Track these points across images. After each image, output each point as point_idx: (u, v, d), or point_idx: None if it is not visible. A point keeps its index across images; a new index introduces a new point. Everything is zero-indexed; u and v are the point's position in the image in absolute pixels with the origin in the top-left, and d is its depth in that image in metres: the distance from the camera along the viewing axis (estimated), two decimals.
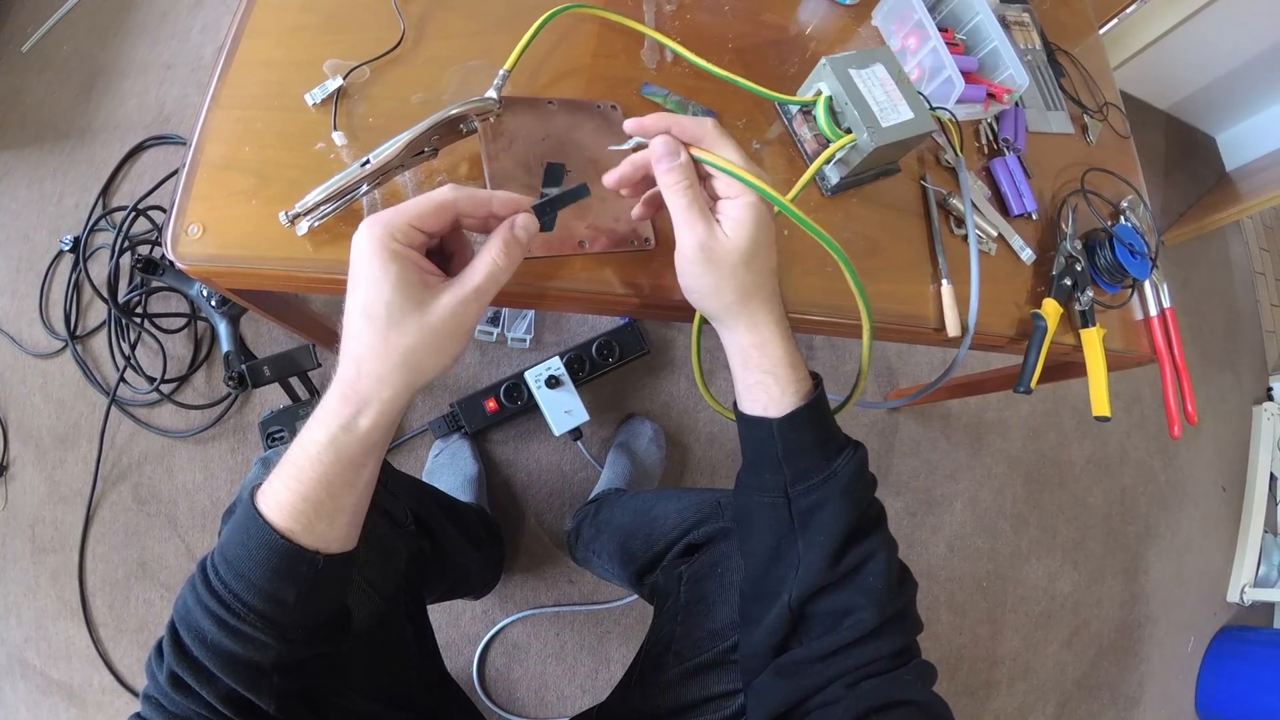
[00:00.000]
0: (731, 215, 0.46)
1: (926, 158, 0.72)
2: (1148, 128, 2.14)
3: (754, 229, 0.46)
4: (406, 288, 0.38)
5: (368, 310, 0.38)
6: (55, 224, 1.18)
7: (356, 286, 0.39)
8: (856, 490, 0.46)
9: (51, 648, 1.02)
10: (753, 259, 0.46)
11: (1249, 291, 2.09)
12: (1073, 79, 0.90)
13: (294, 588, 0.39)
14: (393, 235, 0.38)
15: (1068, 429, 1.63)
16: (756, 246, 0.46)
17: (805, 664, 0.44)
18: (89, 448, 1.09)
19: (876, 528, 0.47)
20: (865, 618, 0.43)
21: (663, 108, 0.63)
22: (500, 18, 0.63)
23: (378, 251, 0.38)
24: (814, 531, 0.45)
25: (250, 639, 0.38)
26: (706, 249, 0.45)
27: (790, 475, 0.46)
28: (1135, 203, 0.82)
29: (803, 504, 0.46)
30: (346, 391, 0.39)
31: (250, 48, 0.57)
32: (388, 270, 0.38)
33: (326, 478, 0.39)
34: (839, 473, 0.45)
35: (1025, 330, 0.70)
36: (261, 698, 0.40)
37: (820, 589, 0.45)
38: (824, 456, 0.46)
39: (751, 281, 0.46)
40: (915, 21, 0.69)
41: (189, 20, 1.34)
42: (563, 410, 1.13)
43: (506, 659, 1.15)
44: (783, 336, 0.47)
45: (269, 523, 0.38)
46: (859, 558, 0.45)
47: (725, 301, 0.47)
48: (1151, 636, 1.61)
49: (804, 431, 0.46)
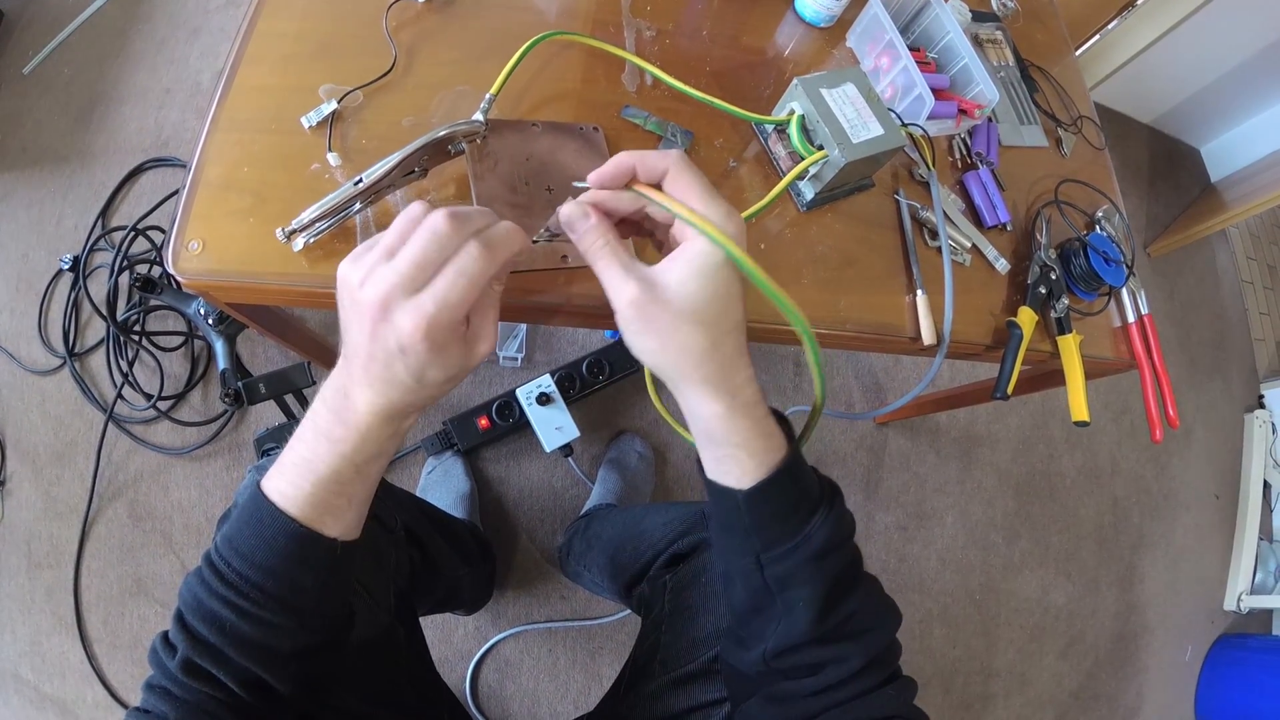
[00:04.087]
0: (681, 263, 0.39)
1: (900, 173, 0.74)
2: (1132, 141, 2.17)
3: (704, 281, 0.38)
4: (457, 360, 0.39)
5: (424, 381, 0.39)
6: (55, 244, 1.21)
7: (407, 370, 0.38)
8: (831, 550, 0.42)
9: (46, 663, 1.02)
10: (701, 316, 0.38)
11: (1237, 300, 2.11)
12: (1046, 94, 0.92)
13: (312, 573, 0.41)
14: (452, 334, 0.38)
15: (1057, 441, 1.64)
16: (706, 301, 0.38)
17: (795, 696, 0.44)
18: (86, 464, 1.10)
19: (856, 579, 0.44)
20: (851, 664, 0.42)
21: (642, 129, 0.65)
22: (486, 45, 0.65)
23: (439, 351, 0.38)
24: (791, 595, 0.43)
25: (271, 625, 0.40)
26: (639, 307, 0.39)
27: (760, 544, 0.43)
28: (1110, 212, 0.84)
29: (775, 571, 0.43)
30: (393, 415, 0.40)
31: (248, 74, 0.59)
32: (446, 360, 0.38)
33: (372, 476, 0.41)
34: (812, 538, 0.42)
35: (1002, 338, 0.72)
36: (280, 681, 0.41)
37: (801, 645, 0.43)
38: (795, 522, 0.42)
39: (701, 343, 0.39)
40: (886, 42, 0.72)
41: (186, 47, 1.37)
42: (554, 427, 1.15)
43: (499, 675, 1.15)
44: (746, 406, 0.41)
45: (285, 512, 0.40)
46: (841, 614, 0.43)
47: (672, 363, 0.40)
48: (1148, 646, 1.61)
49: (773, 502, 0.42)
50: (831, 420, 1.42)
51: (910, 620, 1.39)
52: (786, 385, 1.42)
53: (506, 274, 0.44)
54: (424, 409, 0.42)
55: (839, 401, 1.46)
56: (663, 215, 0.42)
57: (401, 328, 0.36)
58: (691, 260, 0.39)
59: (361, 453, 0.40)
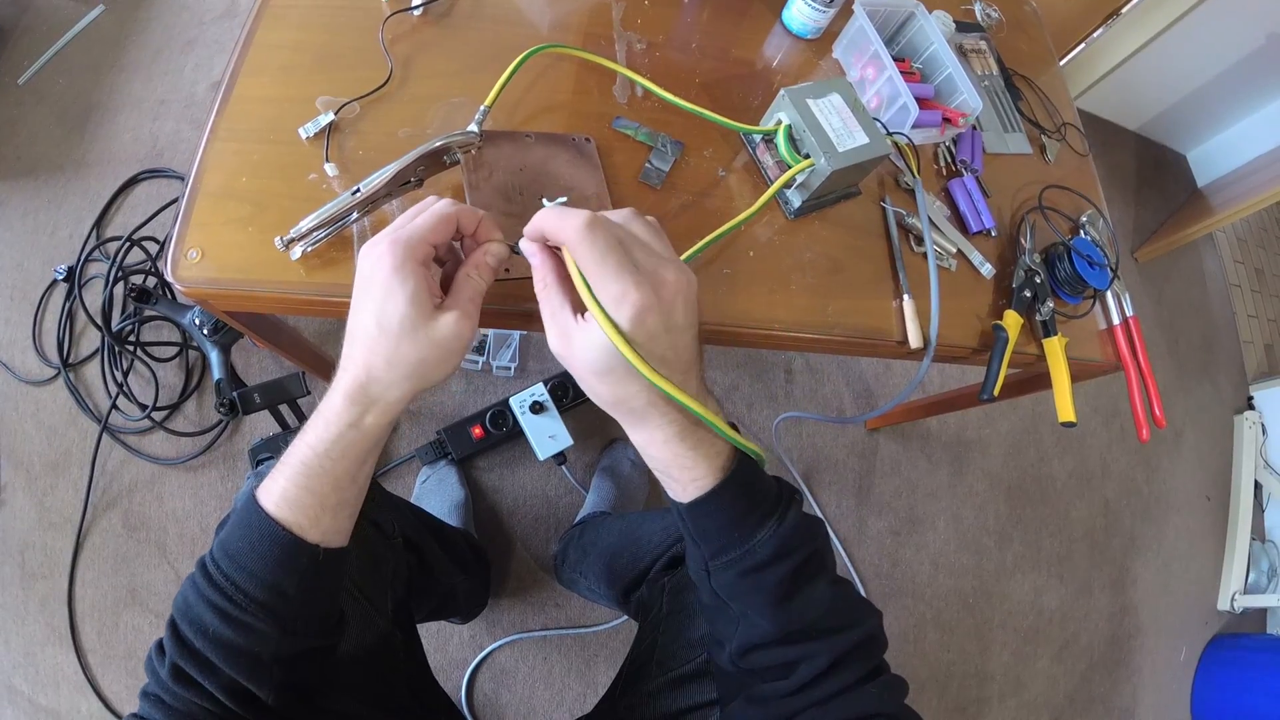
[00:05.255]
0: (591, 329, 0.39)
1: (886, 180, 0.75)
2: (1118, 148, 2.20)
3: (600, 352, 0.39)
4: (419, 303, 0.41)
5: (382, 323, 0.40)
6: (49, 254, 1.21)
7: (370, 300, 0.41)
8: (780, 558, 0.43)
9: (40, 674, 1.02)
10: (602, 378, 0.40)
11: (1224, 304, 2.13)
12: (1030, 102, 0.94)
13: (295, 578, 0.41)
14: (411, 254, 0.41)
15: (1047, 445, 1.66)
16: (606, 368, 0.40)
17: (775, 697, 0.45)
18: (80, 474, 1.10)
19: (813, 580, 0.45)
20: (819, 662, 0.43)
21: (633, 140, 0.67)
22: (481, 58, 0.66)
23: (398, 269, 0.40)
24: (741, 601, 0.45)
25: (252, 630, 0.40)
26: (557, 353, 0.42)
27: (707, 552, 0.45)
28: (1094, 217, 0.85)
29: (720, 579, 0.45)
30: (355, 394, 0.42)
31: (247, 85, 0.60)
32: (405, 286, 0.40)
33: (333, 473, 0.42)
34: (757, 550, 0.43)
35: (988, 342, 0.73)
36: (262, 689, 0.42)
37: (762, 644, 0.44)
38: (741, 532, 0.43)
39: (607, 397, 0.42)
40: (872, 53, 0.73)
41: (182, 58, 1.38)
42: (547, 435, 1.15)
43: (495, 684, 1.15)
44: (666, 441, 0.42)
45: (272, 517, 0.41)
46: (799, 616, 0.44)
47: (601, 403, 0.43)
48: (1142, 648, 1.61)
49: (712, 517, 0.44)
50: (823, 426, 1.43)
51: (904, 625, 1.40)
52: (778, 392, 1.43)
53: (492, 273, 0.46)
54: (392, 408, 0.43)
55: (830, 407, 1.47)
56: None
57: (376, 247, 0.41)
58: (592, 330, 0.39)
59: (322, 439, 0.42)
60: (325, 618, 0.46)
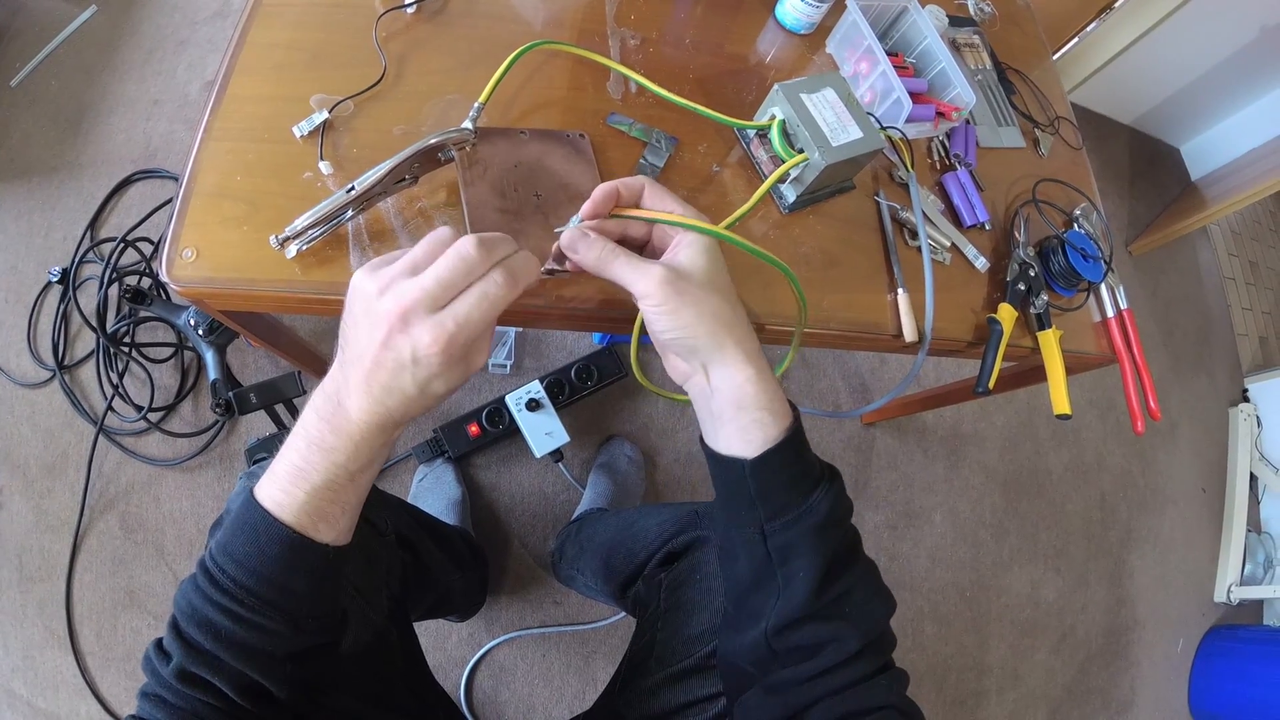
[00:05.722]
0: (684, 250, 0.46)
1: (880, 175, 0.76)
2: (1112, 142, 2.21)
3: (710, 258, 0.46)
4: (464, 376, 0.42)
5: (426, 392, 0.40)
6: (43, 256, 1.20)
7: (414, 377, 0.40)
8: (832, 524, 0.45)
9: (39, 677, 1.02)
10: (716, 281, 0.46)
11: (1219, 297, 2.14)
12: (1024, 96, 0.94)
13: (305, 578, 0.41)
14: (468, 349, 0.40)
15: (1043, 438, 1.66)
16: (717, 272, 0.46)
17: (793, 684, 0.45)
18: (76, 477, 1.09)
19: (854, 557, 0.47)
20: (848, 645, 0.44)
21: (628, 136, 0.67)
22: (475, 54, 0.66)
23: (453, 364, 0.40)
24: (792, 566, 0.45)
25: (265, 630, 0.40)
26: (670, 282, 0.44)
27: (765, 513, 0.45)
28: (1088, 210, 0.86)
29: (778, 540, 0.45)
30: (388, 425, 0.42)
31: (240, 84, 0.60)
32: (454, 374, 0.41)
33: (363, 485, 0.42)
34: (815, 509, 0.45)
35: (982, 335, 0.73)
36: (275, 684, 0.42)
37: (800, 620, 0.45)
38: (799, 493, 0.45)
39: (727, 309, 0.46)
40: (865, 48, 0.74)
41: (174, 58, 1.38)
42: (543, 433, 1.16)
43: (494, 682, 1.15)
44: (767, 370, 0.46)
45: (278, 519, 0.40)
46: (839, 590, 0.45)
47: (709, 331, 0.45)
48: (1140, 639, 1.62)
49: (778, 471, 0.45)
50: (819, 421, 1.44)
51: (902, 618, 1.40)
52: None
53: None
54: (416, 419, 0.43)
55: (826, 402, 1.47)
56: (640, 231, 0.50)
57: (419, 340, 0.38)
58: (692, 245, 0.46)
59: (355, 460, 0.41)
60: (332, 614, 0.46)
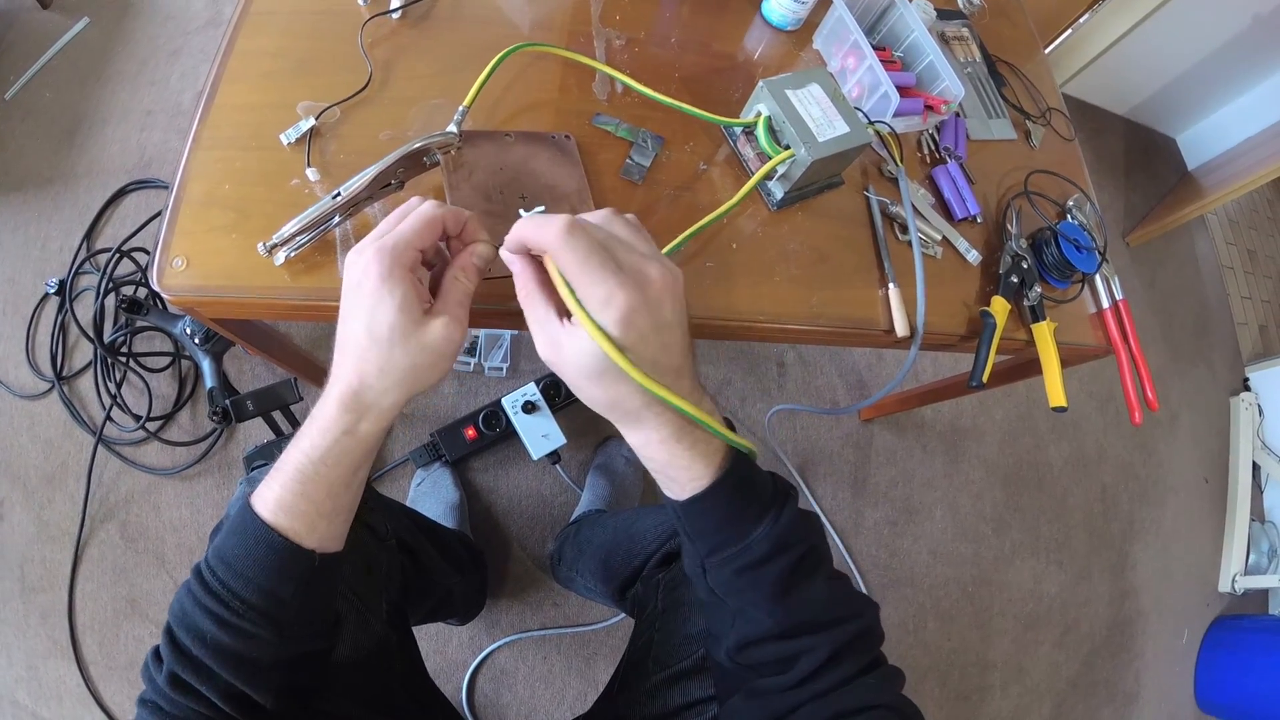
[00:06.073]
0: (579, 334, 0.39)
1: (870, 170, 0.76)
2: (1108, 133, 2.20)
3: (591, 358, 0.38)
4: (409, 310, 0.41)
5: (373, 331, 0.41)
6: (40, 267, 1.21)
7: (358, 309, 0.41)
8: (776, 554, 0.43)
9: (42, 687, 1.02)
10: (594, 381, 0.40)
11: (1218, 286, 2.13)
12: (1015, 88, 0.94)
13: (291, 584, 0.41)
14: (397, 261, 0.40)
15: (1043, 431, 1.66)
16: (597, 373, 0.39)
17: (775, 691, 0.45)
18: (76, 487, 1.10)
19: (811, 576, 0.45)
20: (819, 654, 0.43)
21: (614, 136, 0.67)
22: (460, 59, 0.66)
23: (385, 277, 0.40)
24: (743, 597, 0.45)
25: (250, 636, 0.40)
26: (547, 360, 0.41)
27: (703, 549, 0.45)
28: (1081, 201, 0.85)
29: (717, 577, 0.45)
30: (349, 401, 0.42)
31: (228, 92, 0.60)
32: (394, 294, 0.40)
33: (328, 479, 0.42)
34: (753, 546, 0.43)
35: (976, 328, 0.73)
36: (261, 694, 0.42)
37: (760, 639, 0.45)
38: (737, 529, 0.43)
39: (600, 399, 0.41)
40: (852, 42, 0.73)
41: (167, 68, 1.38)
42: (540, 435, 1.15)
43: (495, 685, 1.15)
44: (661, 442, 0.42)
45: (268, 524, 0.41)
46: (796, 610, 0.44)
47: (601, 407, 0.42)
48: (1144, 631, 1.62)
49: (708, 514, 0.44)
50: (817, 418, 1.43)
51: (904, 614, 1.40)
52: (771, 385, 1.43)
53: (479, 274, 0.46)
54: (386, 414, 0.43)
55: (823, 399, 1.47)
56: None
57: (362, 254, 0.41)
58: (579, 334, 0.38)
59: (317, 446, 0.42)
60: (321, 621, 0.46)
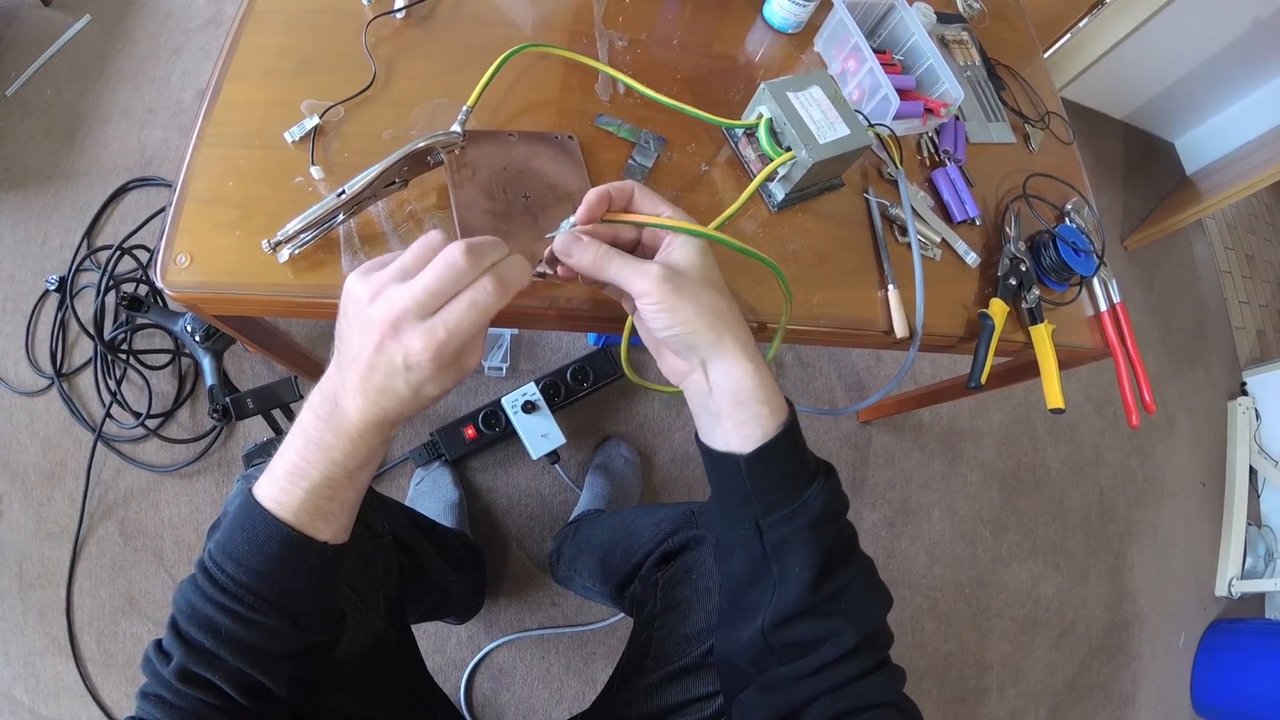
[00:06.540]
0: (673, 253, 0.47)
1: (870, 172, 0.76)
2: (1107, 137, 2.21)
3: (698, 254, 0.47)
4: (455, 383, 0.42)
5: (421, 395, 0.41)
6: (40, 265, 1.21)
7: (411, 377, 0.40)
8: (828, 519, 0.45)
9: (40, 684, 1.02)
10: (710, 278, 0.47)
11: (1215, 290, 2.14)
12: (1014, 92, 0.94)
13: (305, 577, 0.42)
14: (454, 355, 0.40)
15: (1040, 433, 1.66)
16: (710, 269, 0.47)
17: (790, 681, 0.45)
18: (75, 484, 1.10)
19: (850, 552, 0.47)
20: (845, 641, 0.44)
21: (616, 137, 0.67)
22: (463, 58, 0.67)
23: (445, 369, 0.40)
24: (787, 561, 0.45)
25: (266, 628, 0.41)
26: (667, 279, 0.44)
27: (760, 509, 0.45)
28: (1080, 204, 0.86)
29: (774, 536, 0.45)
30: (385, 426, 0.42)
31: (232, 91, 0.60)
32: (449, 382, 0.42)
33: (330, 475, 0.42)
34: (810, 504, 0.45)
35: (974, 330, 0.74)
36: (275, 682, 0.42)
37: (796, 615, 0.45)
38: (794, 488, 0.45)
39: (723, 305, 0.47)
40: (852, 45, 0.74)
41: (169, 66, 1.38)
42: (540, 434, 1.16)
43: (493, 684, 1.15)
44: (763, 364, 0.47)
45: (278, 518, 0.41)
46: (835, 585, 0.45)
47: (708, 325, 0.45)
48: (1141, 634, 1.62)
49: (773, 466, 0.45)
50: (816, 419, 1.44)
51: (901, 615, 1.40)
52: None
53: None
54: (412, 417, 0.44)
55: (822, 400, 1.47)
56: (629, 235, 0.50)
57: (411, 347, 0.38)
58: (685, 244, 0.47)
59: (353, 458, 0.42)
60: (331, 613, 0.47)
